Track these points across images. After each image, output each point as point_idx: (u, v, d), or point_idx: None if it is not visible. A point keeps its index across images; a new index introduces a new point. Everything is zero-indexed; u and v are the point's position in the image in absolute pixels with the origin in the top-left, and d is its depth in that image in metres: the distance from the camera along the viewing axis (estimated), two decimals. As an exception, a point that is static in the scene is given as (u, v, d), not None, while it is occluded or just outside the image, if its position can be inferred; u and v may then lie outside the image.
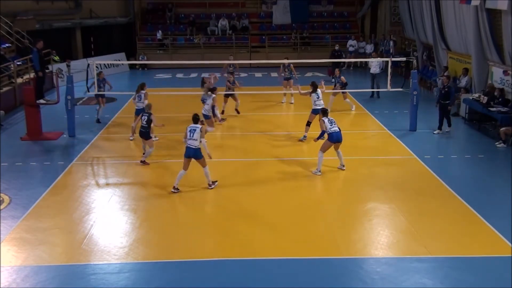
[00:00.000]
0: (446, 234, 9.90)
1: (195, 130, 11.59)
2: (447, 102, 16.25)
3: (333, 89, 19.00)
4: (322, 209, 11.09)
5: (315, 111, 15.20)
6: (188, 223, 10.65)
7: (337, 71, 19.20)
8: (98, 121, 17.96)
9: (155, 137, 15.13)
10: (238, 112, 18.40)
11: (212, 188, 11.94)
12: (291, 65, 19.92)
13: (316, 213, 10.86)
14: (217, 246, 9.54)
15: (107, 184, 12.54)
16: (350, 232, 10.05)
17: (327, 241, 9.66)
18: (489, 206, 11.01)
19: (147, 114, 13.55)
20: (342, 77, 18.77)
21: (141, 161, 13.68)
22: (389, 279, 8.37)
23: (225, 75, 19.40)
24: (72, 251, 9.26)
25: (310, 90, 15.49)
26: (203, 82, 17.63)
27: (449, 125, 16.54)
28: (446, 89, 16.40)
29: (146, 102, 15.05)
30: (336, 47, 26.30)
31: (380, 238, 9.72)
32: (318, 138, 13.87)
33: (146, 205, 11.36)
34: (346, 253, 9.24)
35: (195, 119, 11.85)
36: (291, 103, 20.39)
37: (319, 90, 15.52)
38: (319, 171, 12.88)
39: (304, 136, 15.61)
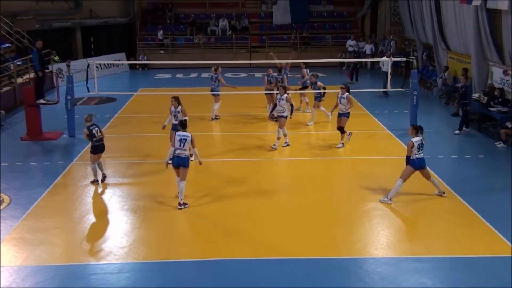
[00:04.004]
0: (446, 234, 9.91)
1: (185, 139, 10.87)
2: (465, 102, 16.42)
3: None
4: (322, 209, 11.08)
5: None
6: (188, 223, 10.66)
7: (312, 77, 17.25)
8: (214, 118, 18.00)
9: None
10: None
11: (181, 208, 10.97)
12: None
13: (316, 213, 10.85)
14: (217, 246, 9.53)
15: (107, 184, 12.54)
16: (350, 232, 10.05)
17: (327, 241, 9.66)
18: (489, 206, 11.00)
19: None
20: (319, 83, 17.15)
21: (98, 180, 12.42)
22: (389, 279, 8.37)
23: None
24: (72, 251, 9.26)
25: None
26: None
27: (466, 126, 16.56)
28: (463, 89, 16.62)
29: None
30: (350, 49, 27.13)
31: (380, 238, 9.72)
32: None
33: (146, 205, 11.35)
34: (346, 253, 9.24)
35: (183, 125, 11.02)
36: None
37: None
38: (390, 200, 11.19)
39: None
